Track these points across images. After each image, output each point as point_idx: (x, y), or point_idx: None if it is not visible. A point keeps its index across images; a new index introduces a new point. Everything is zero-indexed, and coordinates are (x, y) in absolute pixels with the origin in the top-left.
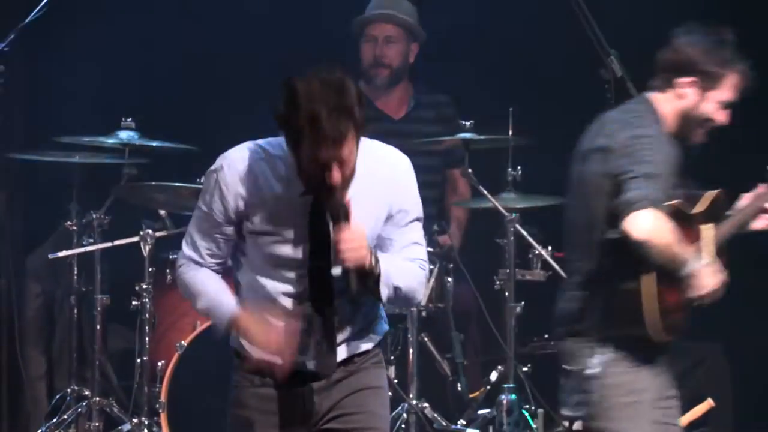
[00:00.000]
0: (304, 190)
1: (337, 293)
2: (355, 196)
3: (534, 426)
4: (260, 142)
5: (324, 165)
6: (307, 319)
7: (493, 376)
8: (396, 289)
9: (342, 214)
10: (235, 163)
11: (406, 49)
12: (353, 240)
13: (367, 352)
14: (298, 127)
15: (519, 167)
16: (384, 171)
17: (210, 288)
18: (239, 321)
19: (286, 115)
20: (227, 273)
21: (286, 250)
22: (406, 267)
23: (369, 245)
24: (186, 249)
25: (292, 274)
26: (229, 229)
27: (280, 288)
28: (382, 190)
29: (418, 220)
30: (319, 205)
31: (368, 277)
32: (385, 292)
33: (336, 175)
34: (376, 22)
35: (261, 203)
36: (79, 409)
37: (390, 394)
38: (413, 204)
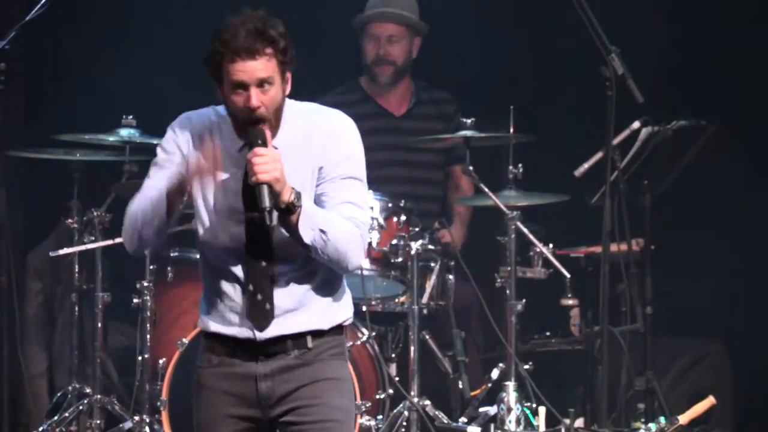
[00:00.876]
0: (242, 144)
1: (276, 247)
2: (287, 148)
3: (535, 423)
4: (216, 106)
5: (241, 85)
6: (245, 272)
7: (495, 373)
8: (322, 233)
9: (258, 138)
10: (189, 115)
11: (410, 46)
12: (266, 157)
13: (320, 333)
14: (218, 54)
15: (520, 165)
16: (320, 126)
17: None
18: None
19: (209, 54)
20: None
21: (228, 201)
22: (338, 219)
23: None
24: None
25: (235, 229)
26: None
27: (226, 242)
28: (315, 145)
29: (354, 178)
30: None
31: (287, 211)
32: (308, 234)
33: (254, 97)
34: (379, 20)
35: (206, 155)
36: (80, 407)
37: (391, 391)
38: (347, 160)
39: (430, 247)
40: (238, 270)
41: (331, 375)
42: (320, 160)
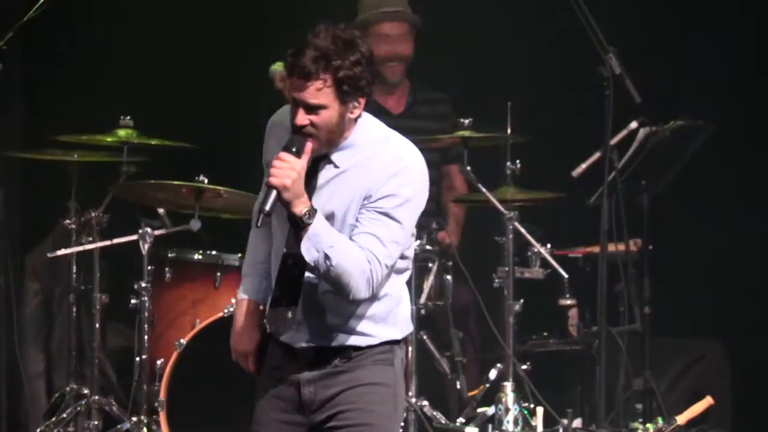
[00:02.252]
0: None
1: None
2: (346, 170)
3: (533, 424)
4: None
5: (293, 101)
6: (277, 277)
7: (492, 374)
8: (327, 258)
9: (292, 145)
10: (278, 112)
11: (414, 43)
12: (285, 163)
13: (359, 348)
14: (287, 62)
15: (518, 163)
16: (382, 157)
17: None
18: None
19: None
20: None
21: (282, 210)
22: (350, 249)
23: (309, 201)
24: None
25: (282, 236)
26: None
27: (277, 247)
28: (370, 174)
29: (389, 217)
30: (314, 165)
31: (296, 225)
32: (311, 254)
33: (299, 117)
34: (390, 19)
35: (281, 140)
36: (78, 408)
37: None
38: (390, 197)
39: (428, 247)
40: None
41: (371, 380)
42: (369, 189)
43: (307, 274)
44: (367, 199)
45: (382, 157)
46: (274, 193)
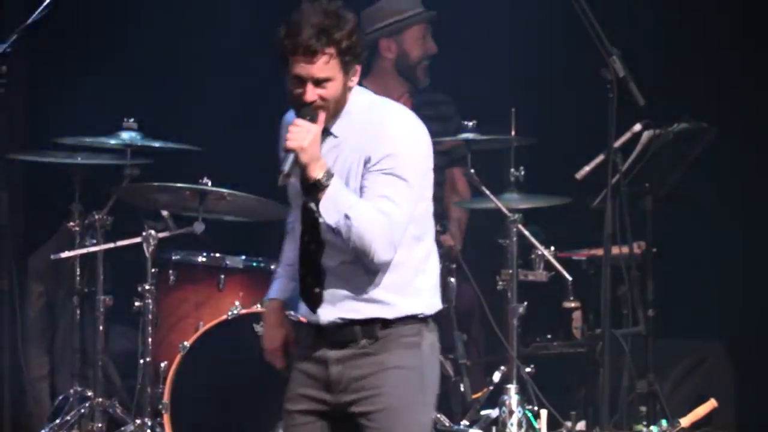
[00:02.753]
0: None
1: (327, 234)
2: (343, 137)
3: (537, 426)
4: None
5: (299, 80)
6: (299, 254)
7: (496, 376)
8: (347, 218)
9: (306, 114)
10: (291, 111)
11: None
12: (300, 128)
13: (390, 323)
14: (282, 45)
15: (521, 167)
16: (377, 121)
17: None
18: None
19: (275, 39)
20: None
21: (294, 186)
22: (368, 209)
23: (325, 162)
24: None
25: (298, 211)
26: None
27: (297, 222)
28: (367, 138)
29: (395, 176)
30: None
31: (314, 188)
32: (332, 216)
33: (308, 93)
34: (421, 22)
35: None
36: (82, 410)
37: None
38: (392, 157)
39: None
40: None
41: (396, 363)
42: (368, 153)
43: (326, 247)
44: (368, 163)
45: (378, 120)
46: (291, 156)
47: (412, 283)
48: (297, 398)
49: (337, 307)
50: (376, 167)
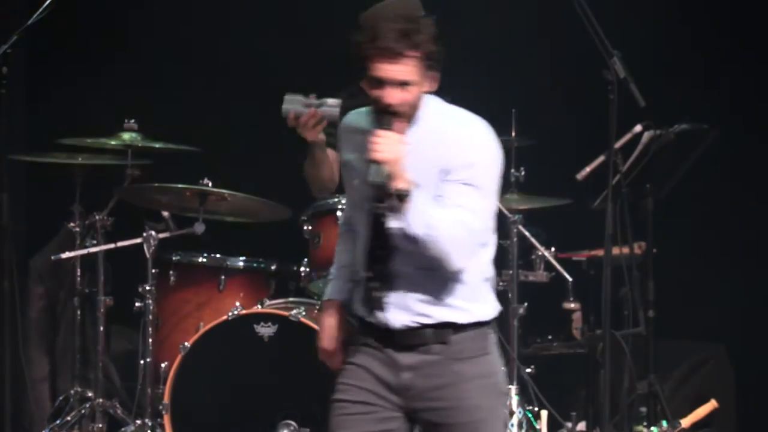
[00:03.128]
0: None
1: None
2: (417, 145)
3: (537, 427)
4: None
5: (379, 82)
6: (368, 258)
7: None
8: (430, 229)
9: (384, 123)
10: (350, 116)
11: None
12: (385, 138)
13: (461, 328)
14: (362, 48)
15: (522, 168)
16: (452, 130)
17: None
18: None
19: (354, 41)
20: None
21: (364, 190)
22: (448, 220)
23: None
24: None
25: (366, 216)
26: None
27: (360, 228)
28: (443, 148)
29: (472, 186)
30: None
31: (399, 199)
32: (417, 225)
33: (391, 95)
34: None
35: (352, 141)
36: (83, 411)
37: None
38: (469, 167)
39: None
40: (364, 256)
41: (473, 373)
42: (445, 162)
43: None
44: (446, 173)
45: (452, 129)
46: (378, 166)
47: (480, 288)
48: (355, 390)
49: (408, 311)
50: (454, 177)
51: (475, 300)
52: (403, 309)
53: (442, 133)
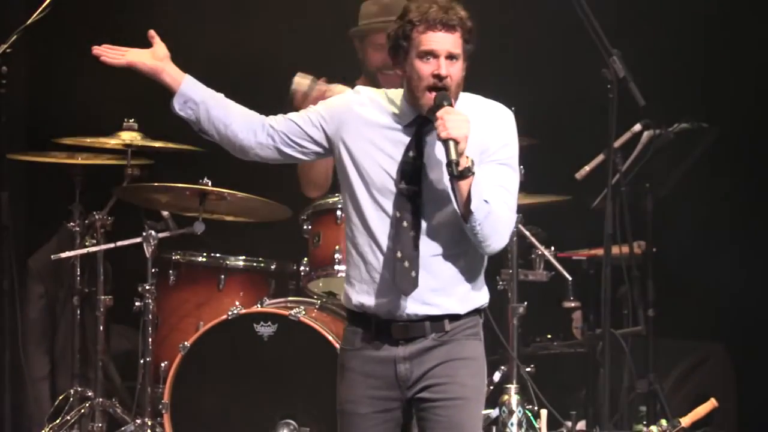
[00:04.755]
0: (410, 121)
1: (425, 222)
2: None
3: (537, 426)
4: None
5: (432, 54)
6: (394, 241)
7: (496, 376)
8: (486, 203)
9: (445, 99)
10: (364, 94)
11: None
12: (459, 116)
13: (458, 317)
14: (410, 24)
15: (521, 167)
16: (483, 114)
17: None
18: None
19: (398, 28)
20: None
21: (381, 176)
22: (495, 195)
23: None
24: None
25: (386, 201)
26: (313, 131)
27: (377, 214)
28: (478, 132)
29: (508, 166)
30: (418, 132)
31: (462, 176)
32: (477, 201)
33: (444, 67)
34: (383, 30)
35: (359, 132)
36: (82, 410)
37: None
38: (505, 147)
39: None
40: (387, 240)
41: (464, 354)
42: (481, 146)
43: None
44: (484, 154)
45: (487, 112)
46: (452, 143)
47: (479, 274)
48: (361, 400)
49: (420, 300)
50: (492, 157)
51: (474, 287)
52: (416, 299)
53: (478, 117)
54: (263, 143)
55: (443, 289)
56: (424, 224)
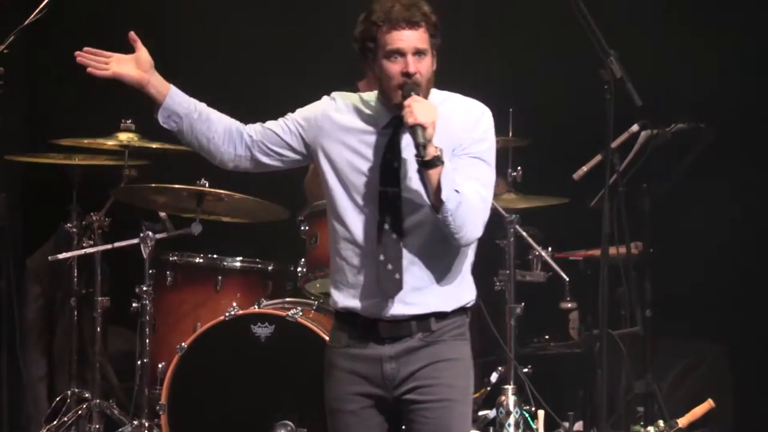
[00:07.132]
0: (386, 123)
1: (406, 221)
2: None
3: (534, 427)
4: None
5: (399, 53)
6: (377, 244)
7: (494, 377)
8: (457, 193)
9: (413, 90)
10: (339, 101)
11: None
12: (424, 103)
13: (444, 315)
14: (376, 24)
15: (519, 168)
16: (459, 110)
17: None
18: None
19: (363, 28)
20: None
21: (360, 179)
22: (467, 186)
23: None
24: None
25: (368, 205)
26: (290, 139)
27: (359, 217)
28: (452, 127)
29: (482, 160)
30: (395, 133)
31: (431, 164)
32: (447, 191)
33: (412, 64)
34: None
35: (336, 138)
36: (80, 411)
37: None
38: (480, 142)
39: None
40: (369, 243)
41: (450, 355)
42: (456, 140)
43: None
44: (458, 148)
45: (460, 107)
46: (419, 129)
47: (464, 271)
48: (348, 397)
49: (404, 301)
50: (466, 151)
51: (460, 284)
52: (401, 300)
53: (451, 112)
54: (242, 155)
55: (428, 288)
56: (405, 225)
